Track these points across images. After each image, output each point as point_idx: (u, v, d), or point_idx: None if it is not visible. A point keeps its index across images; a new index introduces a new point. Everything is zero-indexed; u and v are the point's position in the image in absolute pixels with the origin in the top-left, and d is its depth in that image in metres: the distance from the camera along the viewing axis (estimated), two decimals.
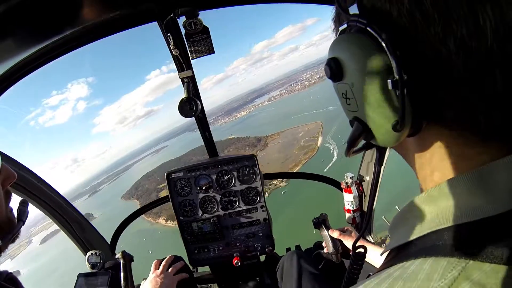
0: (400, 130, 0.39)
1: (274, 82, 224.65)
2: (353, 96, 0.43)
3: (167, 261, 1.74)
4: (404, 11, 0.34)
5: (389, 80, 0.36)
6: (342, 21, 0.45)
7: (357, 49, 0.40)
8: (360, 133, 0.45)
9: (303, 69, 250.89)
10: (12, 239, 0.69)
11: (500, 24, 0.30)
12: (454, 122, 0.37)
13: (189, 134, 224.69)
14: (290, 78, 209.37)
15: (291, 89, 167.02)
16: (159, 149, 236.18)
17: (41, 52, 1.37)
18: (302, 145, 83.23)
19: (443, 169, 0.41)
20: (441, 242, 0.36)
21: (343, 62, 0.42)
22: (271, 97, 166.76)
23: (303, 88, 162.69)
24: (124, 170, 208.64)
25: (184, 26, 1.41)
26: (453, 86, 0.35)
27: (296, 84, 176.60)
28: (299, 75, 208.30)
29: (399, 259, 0.40)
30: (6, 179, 0.70)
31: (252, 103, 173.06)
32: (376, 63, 0.37)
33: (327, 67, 0.44)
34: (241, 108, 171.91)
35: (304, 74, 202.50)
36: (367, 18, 0.38)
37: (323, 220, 1.64)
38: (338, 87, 0.46)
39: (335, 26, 0.50)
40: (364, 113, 0.43)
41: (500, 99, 0.33)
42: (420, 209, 0.42)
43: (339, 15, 0.47)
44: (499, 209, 0.33)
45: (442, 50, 0.33)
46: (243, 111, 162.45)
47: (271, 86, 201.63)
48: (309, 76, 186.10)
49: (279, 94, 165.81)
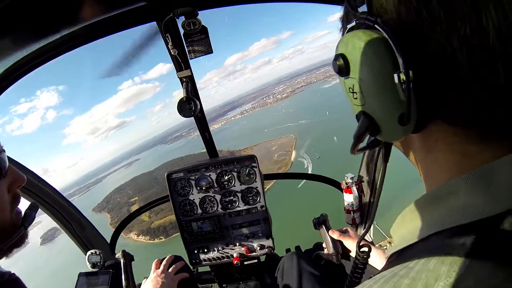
0: (406, 124, 0.40)
1: (246, 95, 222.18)
2: (360, 90, 0.44)
3: (168, 260, 1.74)
4: (412, 9, 0.36)
5: (395, 75, 0.38)
6: (351, 19, 0.46)
7: (364, 45, 0.41)
8: (367, 127, 0.45)
9: (276, 82, 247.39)
10: (14, 243, 0.68)
11: (502, 23, 0.31)
12: (458, 119, 0.38)
13: (162, 147, 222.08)
14: (263, 92, 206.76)
15: (264, 102, 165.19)
16: (131, 162, 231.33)
17: (41, 52, 1.37)
18: (276, 159, 79.72)
19: (446, 166, 0.41)
20: (445, 242, 0.36)
21: (350, 57, 0.43)
22: (243, 110, 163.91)
23: (275, 102, 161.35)
24: (95, 183, 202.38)
25: (183, 26, 1.40)
26: (457, 83, 0.35)
27: (269, 97, 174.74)
28: (272, 88, 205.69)
29: (402, 259, 0.40)
30: (14, 182, 0.69)
31: (224, 116, 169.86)
32: (383, 59, 0.39)
33: (335, 62, 0.45)
34: (214, 122, 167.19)
35: (277, 87, 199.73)
36: (376, 16, 0.39)
37: (324, 221, 1.63)
38: (345, 82, 0.47)
39: (343, 24, 0.51)
40: (370, 107, 0.44)
41: (503, 96, 0.34)
42: (423, 210, 0.43)
43: (348, 13, 0.49)
44: (502, 208, 0.33)
45: (447, 48, 0.34)
46: (215, 124, 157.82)
47: (244, 99, 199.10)
48: (281, 90, 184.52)
49: (252, 108, 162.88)
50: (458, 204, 0.37)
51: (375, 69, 0.40)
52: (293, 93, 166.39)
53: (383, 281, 0.37)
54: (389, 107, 0.41)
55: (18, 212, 0.71)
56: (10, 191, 0.68)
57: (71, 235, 2.14)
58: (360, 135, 0.47)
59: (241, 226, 1.95)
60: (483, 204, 0.35)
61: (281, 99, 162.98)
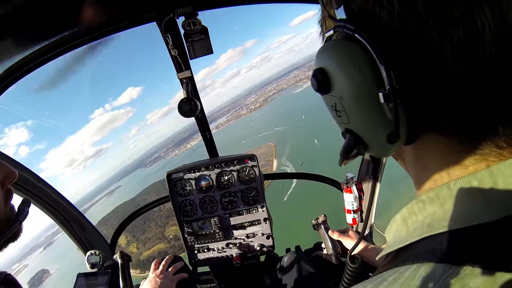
0: (394, 142, 0.37)
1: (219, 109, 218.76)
2: (343, 109, 0.40)
3: (167, 261, 1.74)
4: (395, 14, 0.32)
5: (380, 93, 0.34)
6: (329, 26, 0.42)
7: (344, 58, 0.37)
8: (353, 145, 0.43)
9: (247, 93, 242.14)
10: (10, 238, 0.68)
11: (500, 26, 0.29)
12: (451, 129, 0.36)
13: (142, 170, 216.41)
14: (236, 104, 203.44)
15: (238, 114, 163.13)
16: (112, 190, 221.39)
17: (41, 52, 1.37)
18: None
19: (438, 174, 0.40)
20: (437, 247, 0.34)
21: (330, 73, 0.39)
22: (218, 125, 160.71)
23: (249, 112, 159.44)
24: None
25: (183, 26, 1.41)
26: (449, 93, 0.33)
27: (242, 109, 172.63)
28: (244, 99, 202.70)
29: (394, 263, 0.39)
30: (6, 178, 0.69)
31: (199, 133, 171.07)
32: (366, 74, 0.35)
33: (313, 79, 0.41)
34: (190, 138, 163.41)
35: (249, 98, 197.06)
36: (355, 23, 0.35)
37: (323, 221, 1.63)
38: (326, 99, 0.43)
39: (322, 30, 0.46)
40: (356, 126, 0.41)
41: (501, 106, 0.32)
42: (417, 213, 0.41)
43: (325, 18, 0.44)
44: (496, 215, 0.32)
45: (437, 56, 0.31)
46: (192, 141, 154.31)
47: (217, 114, 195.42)
48: (253, 100, 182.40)
49: (226, 121, 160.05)
50: (453, 208, 0.36)
51: (357, 86, 0.36)
52: (266, 102, 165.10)
53: (371, 286, 0.36)
54: (376, 127, 0.38)
55: (12, 208, 0.72)
56: (3, 186, 0.68)
57: (71, 236, 2.14)
58: (347, 152, 0.44)
59: (241, 226, 1.95)
60: (479, 210, 0.34)
61: (255, 109, 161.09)
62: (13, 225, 0.69)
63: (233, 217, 1.95)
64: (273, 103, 61.55)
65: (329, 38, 0.42)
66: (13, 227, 0.68)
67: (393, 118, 0.35)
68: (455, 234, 0.34)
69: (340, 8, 0.37)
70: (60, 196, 2.02)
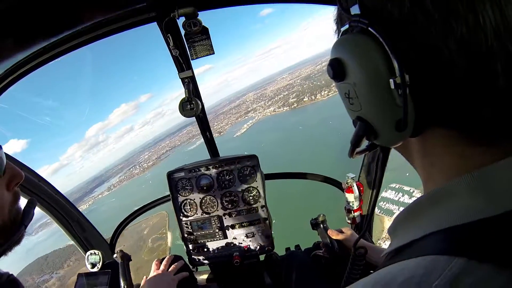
0: (403, 130, 0.40)
1: (113, 167, 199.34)
2: (356, 95, 0.43)
3: (168, 260, 1.74)
4: (405, 10, 0.35)
5: (391, 80, 0.37)
6: (344, 22, 0.46)
7: (358, 49, 0.40)
8: (363, 132, 0.45)
9: (141, 149, 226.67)
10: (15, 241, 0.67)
11: (500, 22, 0.31)
12: (457, 122, 0.38)
13: (26, 239, 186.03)
14: (129, 161, 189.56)
15: (131, 173, 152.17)
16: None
17: (41, 52, 1.37)
18: (151, 246, 59.35)
19: (445, 170, 0.41)
20: (442, 242, 0.36)
21: (345, 62, 0.43)
22: (110, 186, 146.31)
23: (142, 171, 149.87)
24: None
25: (184, 26, 1.41)
26: (455, 85, 0.35)
27: (135, 167, 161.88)
28: (137, 157, 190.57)
29: (399, 258, 0.40)
30: (12, 179, 0.67)
31: (92, 194, 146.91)
32: (378, 63, 0.38)
33: (329, 67, 0.45)
34: (80, 201, 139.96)
35: (142, 155, 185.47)
36: (368, 18, 0.39)
37: (322, 221, 1.64)
38: (340, 86, 0.46)
39: (337, 27, 0.50)
40: (367, 113, 0.44)
41: (502, 98, 0.33)
42: (421, 210, 0.42)
43: (341, 15, 0.48)
44: (500, 210, 0.33)
45: (444, 49, 0.33)
46: (82, 205, 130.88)
47: (110, 172, 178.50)
48: (147, 157, 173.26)
49: (119, 181, 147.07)
50: (455, 205, 0.37)
51: (370, 73, 0.39)
52: (159, 159, 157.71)
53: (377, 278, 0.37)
54: (386, 113, 0.41)
55: (18, 210, 0.70)
56: (10, 189, 0.66)
57: (71, 236, 2.13)
58: (356, 140, 0.46)
59: (241, 226, 1.95)
60: (481, 206, 0.34)
61: (148, 168, 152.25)
62: (19, 230, 0.67)
63: (233, 217, 1.95)
64: (167, 161, 55.70)
65: (345, 32, 0.45)
66: (19, 232, 0.67)
67: (402, 104, 0.37)
68: (458, 229, 0.35)
69: (355, 5, 0.41)
70: (60, 194, 2.02)
